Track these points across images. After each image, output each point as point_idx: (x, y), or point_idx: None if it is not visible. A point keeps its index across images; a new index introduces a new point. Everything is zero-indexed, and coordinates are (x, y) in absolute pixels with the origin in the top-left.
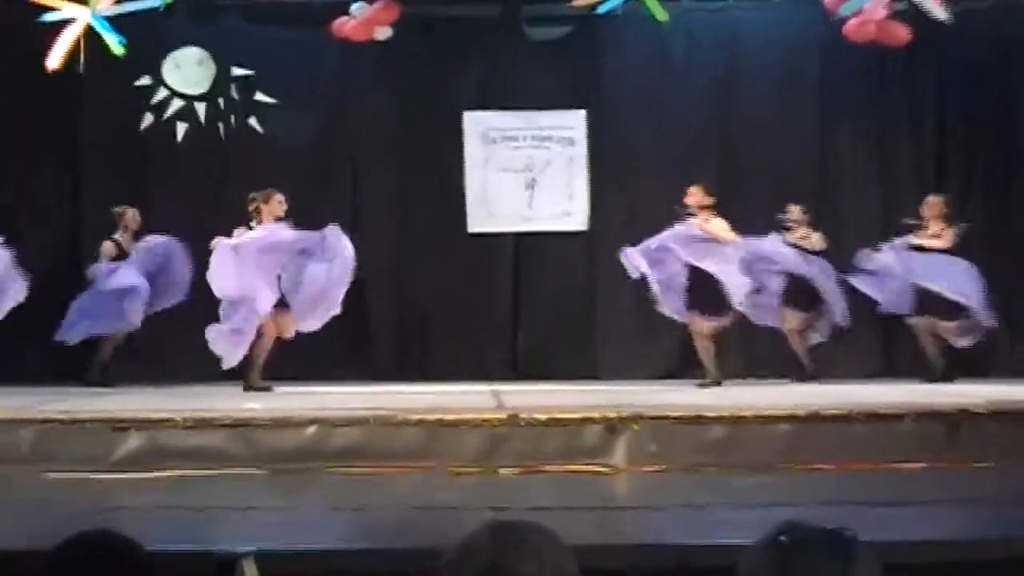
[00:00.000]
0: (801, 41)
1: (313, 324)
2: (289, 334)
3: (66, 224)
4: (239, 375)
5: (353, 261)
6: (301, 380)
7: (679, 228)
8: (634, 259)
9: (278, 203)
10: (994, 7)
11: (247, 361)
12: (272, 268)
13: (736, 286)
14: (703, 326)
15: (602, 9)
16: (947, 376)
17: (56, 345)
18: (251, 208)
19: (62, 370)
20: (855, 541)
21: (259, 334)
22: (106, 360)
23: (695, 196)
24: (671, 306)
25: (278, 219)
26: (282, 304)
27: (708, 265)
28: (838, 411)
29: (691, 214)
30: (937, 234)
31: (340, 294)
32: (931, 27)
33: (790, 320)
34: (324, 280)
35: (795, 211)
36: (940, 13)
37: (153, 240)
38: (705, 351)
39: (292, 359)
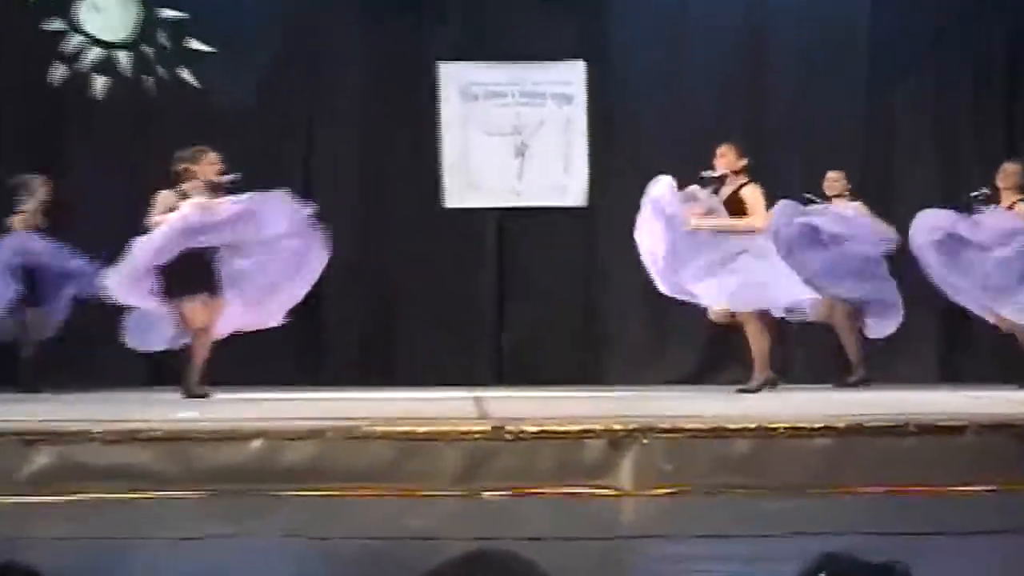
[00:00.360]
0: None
1: (267, 316)
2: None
3: None
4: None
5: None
6: (247, 385)
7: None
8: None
9: (209, 164)
10: None
11: (184, 362)
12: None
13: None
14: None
15: None
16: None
17: None
18: (177, 170)
19: None
20: None
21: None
22: (30, 360)
23: (726, 157)
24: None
25: (212, 185)
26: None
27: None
28: (886, 422)
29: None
30: (1013, 206)
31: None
32: None
33: (838, 311)
34: (274, 263)
35: (835, 179)
36: None
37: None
38: (756, 341)
39: (236, 361)
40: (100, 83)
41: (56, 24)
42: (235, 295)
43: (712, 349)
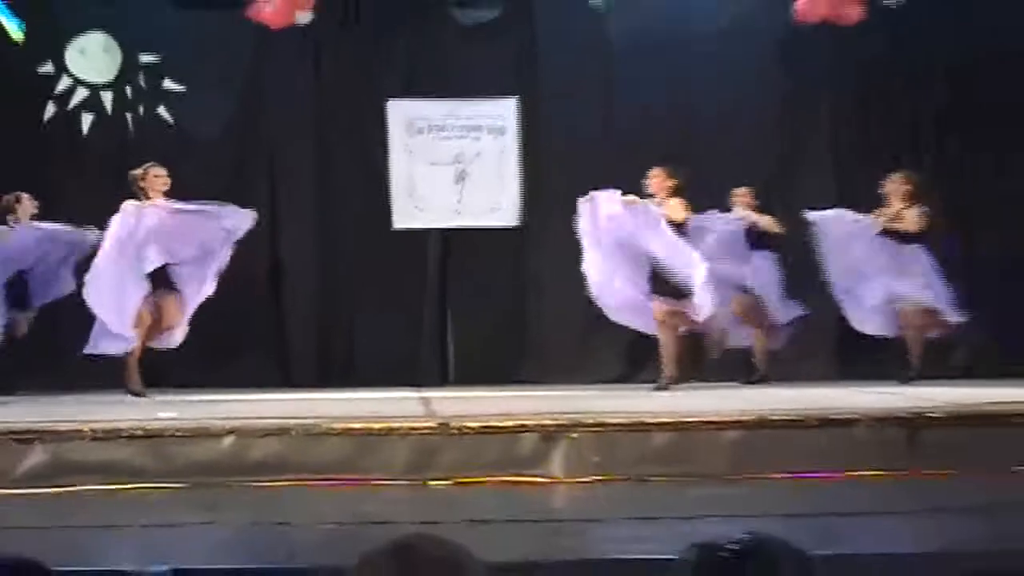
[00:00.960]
0: (750, 19)
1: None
2: (175, 324)
3: None
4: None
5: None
6: (216, 387)
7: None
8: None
9: (154, 177)
10: None
11: (124, 362)
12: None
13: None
14: (663, 311)
15: None
16: (918, 375)
17: None
18: (133, 188)
19: None
20: (809, 557)
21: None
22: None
23: (658, 179)
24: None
25: (164, 195)
26: (166, 290)
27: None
28: (788, 416)
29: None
30: (901, 215)
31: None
32: (883, 6)
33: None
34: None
35: (743, 194)
36: None
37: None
38: (666, 345)
39: (204, 364)
40: (86, 119)
41: (47, 67)
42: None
43: (633, 352)
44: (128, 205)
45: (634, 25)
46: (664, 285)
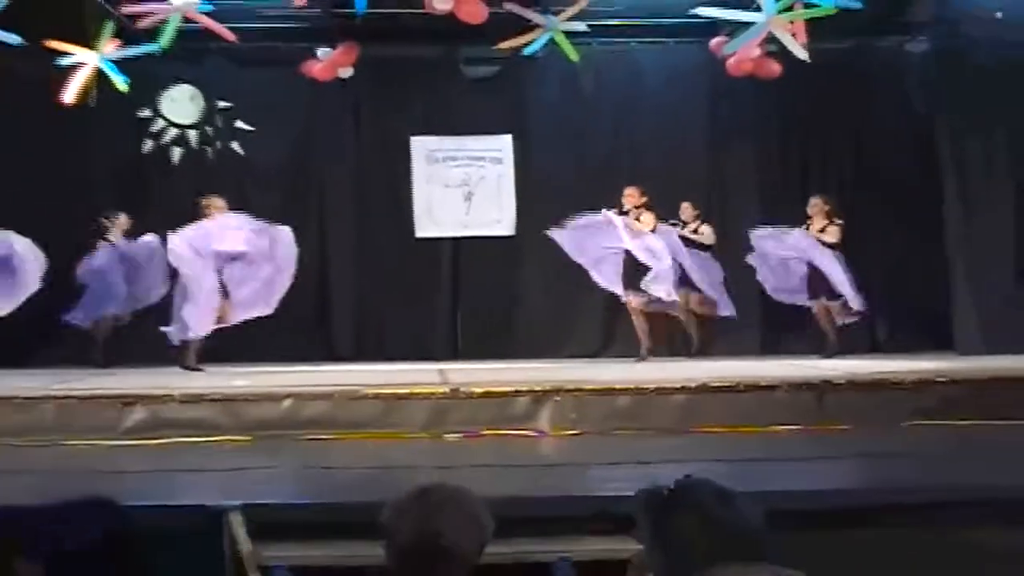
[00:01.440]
0: (692, 75)
1: (250, 314)
2: (230, 320)
3: (76, 230)
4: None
5: (294, 264)
6: (276, 361)
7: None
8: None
9: (215, 205)
10: (848, 48)
11: (183, 345)
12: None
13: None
14: (634, 303)
15: (527, 51)
16: (837, 352)
17: (63, 329)
18: (200, 211)
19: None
20: (732, 493)
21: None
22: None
23: (632, 196)
24: (605, 282)
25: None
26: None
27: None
28: (724, 383)
29: (625, 212)
30: (822, 229)
31: (277, 294)
32: (798, 62)
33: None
34: (266, 278)
35: (687, 208)
36: (801, 52)
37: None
38: (640, 327)
39: (268, 343)
40: (176, 153)
41: (146, 112)
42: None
43: (604, 333)
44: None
45: (600, 79)
46: (635, 280)
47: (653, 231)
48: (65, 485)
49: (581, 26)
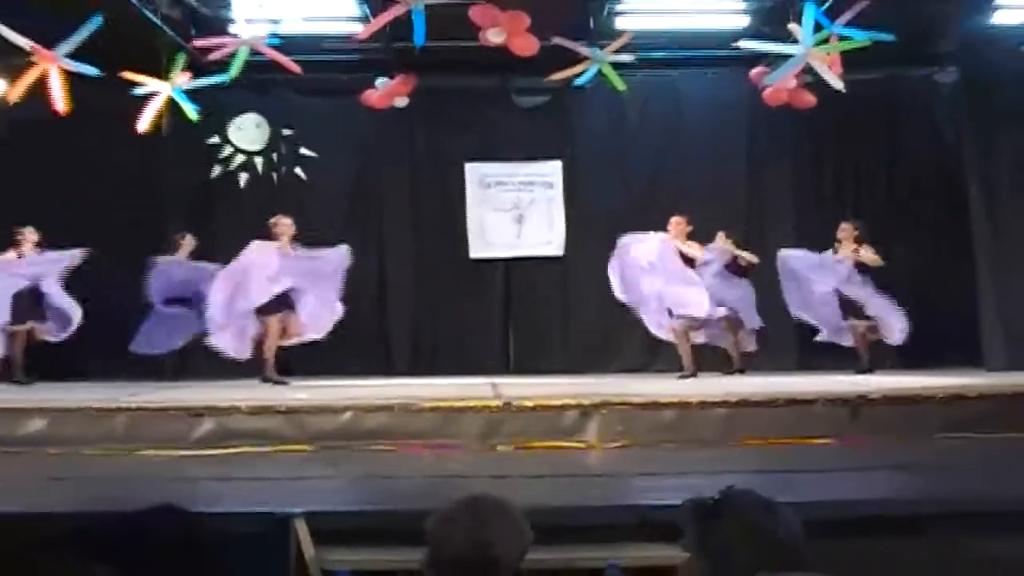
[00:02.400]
0: (732, 104)
1: (323, 329)
2: (297, 337)
3: (148, 250)
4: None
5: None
6: (337, 375)
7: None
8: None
9: (284, 224)
10: (879, 79)
11: (262, 359)
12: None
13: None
14: (677, 325)
15: (578, 82)
16: (872, 368)
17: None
18: (269, 231)
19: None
20: (773, 503)
21: (266, 335)
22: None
23: (680, 225)
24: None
25: (292, 238)
26: (288, 309)
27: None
28: (763, 398)
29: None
30: (859, 254)
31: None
32: (832, 92)
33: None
34: (327, 294)
35: (721, 236)
36: (837, 83)
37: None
38: (683, 348)
39: (330, 358)
40: (243, 178)
41: (214, 139)
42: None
43: (648, 349)
44: (256, 243)
45: (645, 108)
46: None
47: (693, 260)
48: (136, 493)
49: (629, 58)
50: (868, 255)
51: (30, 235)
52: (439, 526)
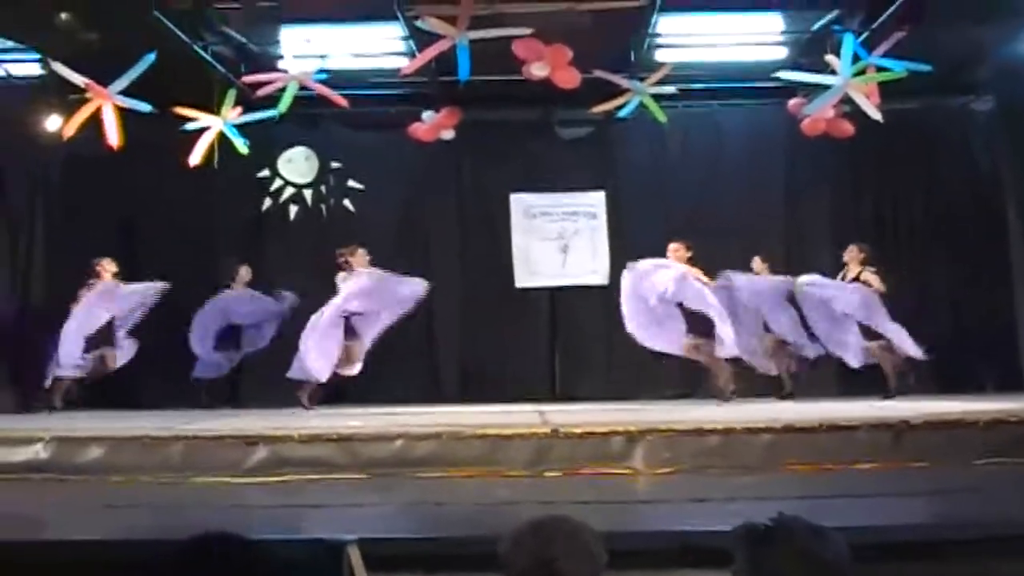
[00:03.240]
0: (771, 134)
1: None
2: (355, 361)
3: (201, 281)
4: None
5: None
6: (386, 403)
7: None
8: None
9: (360, 255)
10: (917, 108)
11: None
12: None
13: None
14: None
15: (622, 113)
16: (899, 393)
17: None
18: (341, 260)
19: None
20: (822, 530)
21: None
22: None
23: (679, 252)
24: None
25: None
26: (353, 337)
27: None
28: (807, 423)
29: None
30: (857, 277)
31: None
32: (869, 122)
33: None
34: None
35: (758, 261)
36: (875, 113)
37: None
38: (722, 370)
39: (379, 384)
40: (293, 210)
41: (265, 172)
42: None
43: (689, 376)
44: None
45: (683, 139)
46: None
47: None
48: (191, 521)
49: (671, 89)
50: (873, 279)
51: (108, 266)
52: (509, 548)
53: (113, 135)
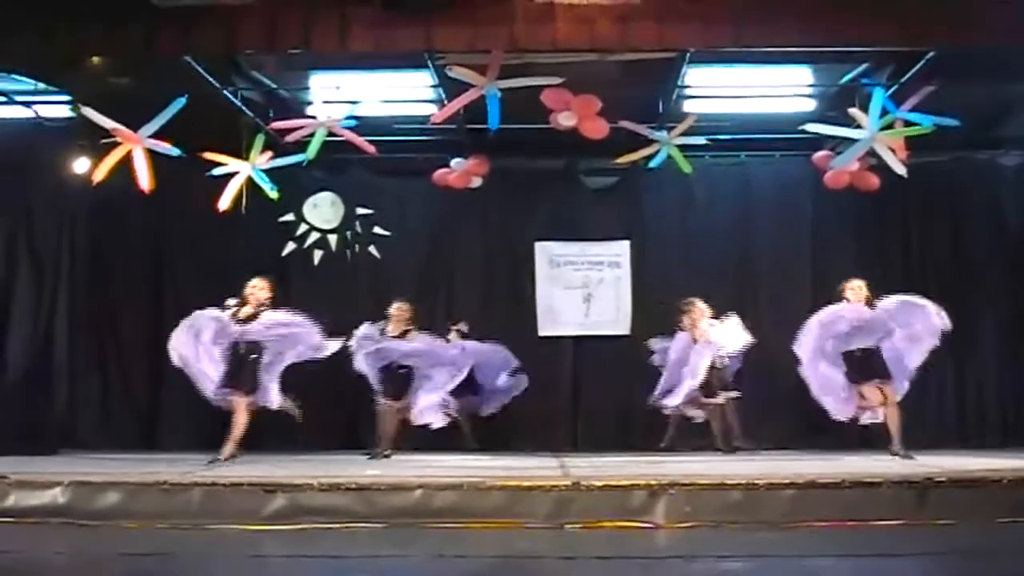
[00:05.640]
0: (797, 186)
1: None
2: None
3: None
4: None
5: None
6: (406, 451)
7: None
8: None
9: (400, 312)
10: (944, 161)
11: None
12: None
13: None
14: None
15: (652, 164)
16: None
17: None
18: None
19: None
20: None
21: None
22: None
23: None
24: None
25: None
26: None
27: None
28: (830, 479)
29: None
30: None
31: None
32: (897, 175)
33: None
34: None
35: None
36: (900, 168)
37: None
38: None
39: (401, 432)
40: (317, 254)
41: (290, 216)
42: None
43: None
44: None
45: (710, 189)
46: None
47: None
48: (208, 568)
49: (700, 140)
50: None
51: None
52: None
53: (144, 179)
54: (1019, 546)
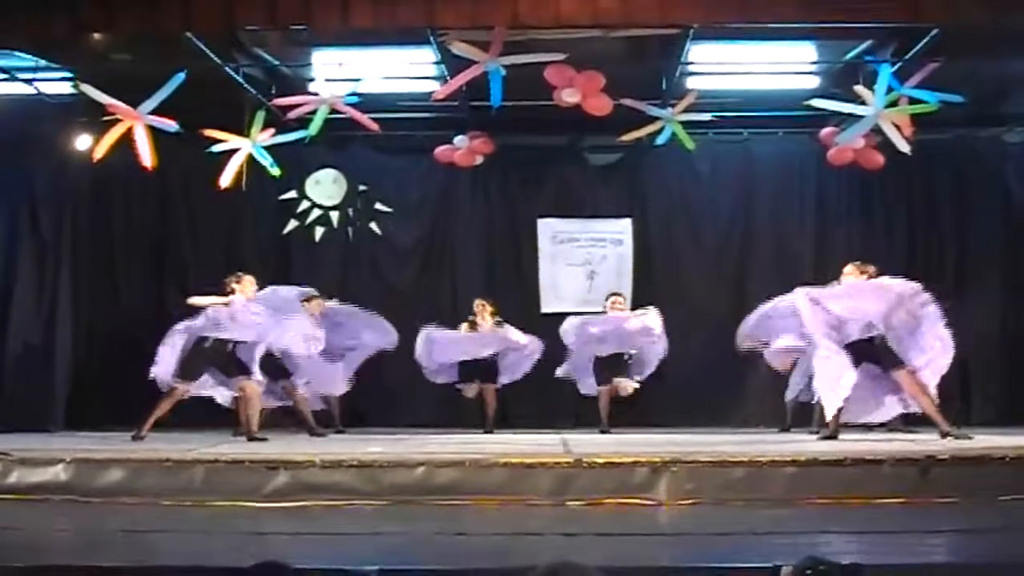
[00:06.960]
0: (801, 163)
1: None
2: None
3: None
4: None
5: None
6: (409, 427)
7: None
8: None
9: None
10: (949, 138)
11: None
12: None
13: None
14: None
15: (657, 141)
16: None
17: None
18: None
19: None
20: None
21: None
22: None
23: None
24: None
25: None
26: None
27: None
28: (832, 457)
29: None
30: None
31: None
32: (902, 152)
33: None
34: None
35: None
36: (904, 146)
37: None
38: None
39: (403, 409)
40: (319, 231)
41: (291, 193)
42: None
43: (722, 402)
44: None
45: (713, 166)
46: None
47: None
48: (209, 545)
49: (705, 116)
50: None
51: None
52: None
53: (146, 156)
54: (1021, 524)
